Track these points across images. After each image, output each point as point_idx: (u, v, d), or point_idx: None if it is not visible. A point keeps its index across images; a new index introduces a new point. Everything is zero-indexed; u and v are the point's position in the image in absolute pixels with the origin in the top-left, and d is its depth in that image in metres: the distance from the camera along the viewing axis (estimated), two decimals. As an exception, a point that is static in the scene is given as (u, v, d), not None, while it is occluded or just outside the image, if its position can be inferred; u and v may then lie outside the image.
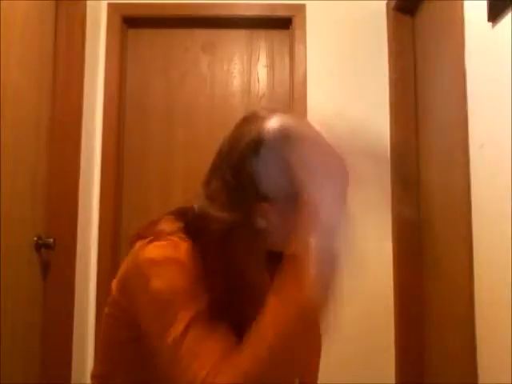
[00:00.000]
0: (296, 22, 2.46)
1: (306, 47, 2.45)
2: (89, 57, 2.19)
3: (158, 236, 0.79)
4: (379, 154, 0.79)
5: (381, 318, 2.30)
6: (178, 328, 0.71)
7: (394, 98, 2.35)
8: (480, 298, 1.49)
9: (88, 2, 2.17)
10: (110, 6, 2.45)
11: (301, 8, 2.47)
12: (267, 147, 0.77)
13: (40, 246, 1.87)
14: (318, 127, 0.83)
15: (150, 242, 0.79)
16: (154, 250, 0.78)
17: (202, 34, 2.54)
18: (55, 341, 1.94)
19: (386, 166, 0.77)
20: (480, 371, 1.47)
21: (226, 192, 0.79)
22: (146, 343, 0.78)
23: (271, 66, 2.54)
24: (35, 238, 1.85)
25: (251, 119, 0.83)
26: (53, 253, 1.93)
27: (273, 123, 0.79)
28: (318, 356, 0.99)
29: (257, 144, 0.78)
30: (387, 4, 2.42)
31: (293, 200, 0.75)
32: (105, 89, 2.41)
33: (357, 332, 2.29)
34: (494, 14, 1.39)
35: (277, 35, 2.55)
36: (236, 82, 2.52)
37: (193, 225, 0.81)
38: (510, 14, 1.32)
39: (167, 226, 0.82)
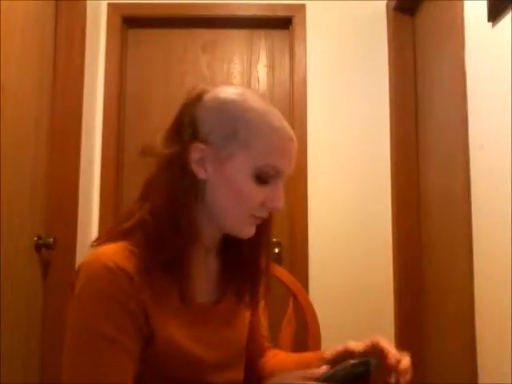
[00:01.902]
0: (296, 22, 2.46)
1: (305, 47, 2.45)
2: (89, 57, 2.19)
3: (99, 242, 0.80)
4: None
5: (381, 317, 2.30)
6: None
7: (393, 98, 2.35)
8: (480, 298, 1.49)
9: (88, 2, 2.17)
10: (109, 5, 2.45)
11: (301, 8, 2.47)
12: (208, 95, 0.81)
13: (40, 246, 1.87)
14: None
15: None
16: (89, 261, 0.76)
17: (202, 34, 2.54)
18: (55, 341, 1.94)
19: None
20: (480, 371, 1.47)
21: (167, 134, 0.82)
22: None
23: (271, 66, 2.54)
24: (35, 238, 1.85)
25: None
26: (53, 253, 1.93)
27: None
28: None
29: (199, 94, 0.82)
30: (387, 4, 2.42)
31: (230, 152, 0.78)
32: (105, 89, 2.41)
33: (357, 332, 2.29)
34: (494, 14, 1.39)
35: (277, 35, 2.55)
36: (236, 81, 2.52)
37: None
38: (510, 14, 1.32)
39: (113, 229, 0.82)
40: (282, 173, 0.81)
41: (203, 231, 0.82)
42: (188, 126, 0.80)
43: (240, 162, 0.78)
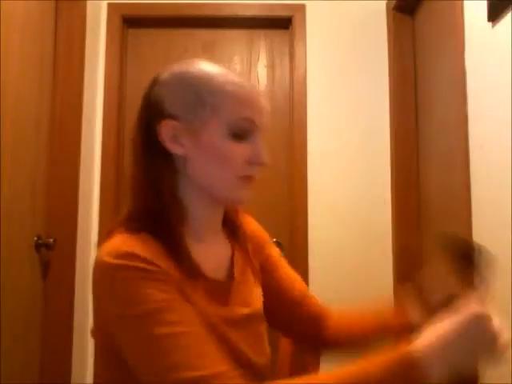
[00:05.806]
0: (296, 21, 2.46)
1: (305, 47, 2.45)
2: (89, 57, 2.19)
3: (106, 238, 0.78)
4: None
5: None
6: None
7: (394, 98, 2.35)
8: (480, 297, 1.49)
9: (88, 2, 2.17)
10: (109, 5, 2.45)
11: (301, 8, 2.47)
12: (163, 75, 0.85)
13: (40, 246, 1.87)
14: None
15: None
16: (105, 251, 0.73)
17: (202, 34, 2.54)
18: (55, 341, 1.94)
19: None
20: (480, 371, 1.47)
21: (136, 123, 0.85)
22: None
23: (271, 66, 2.54)
24: (35, 238, 1.85)
25: None
26: (53, 253, 1.93)
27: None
28: None
29: (154, 78, 0.86)
30: (387, 4, 2.42)
31: (200, 119, 0.78)
32: (105, 89, 2.41)
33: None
34: (494, 14, 1.39)
35: (277, 35, 2.55)
36: (236, 81, 2.51)
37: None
38: (510, 14, 1.32)
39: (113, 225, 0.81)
40: (256, 125, 0.81)
41: (195, 209, 0.82)
42: (152, 108, 0.82)
43: (214, 126, 0.78)
